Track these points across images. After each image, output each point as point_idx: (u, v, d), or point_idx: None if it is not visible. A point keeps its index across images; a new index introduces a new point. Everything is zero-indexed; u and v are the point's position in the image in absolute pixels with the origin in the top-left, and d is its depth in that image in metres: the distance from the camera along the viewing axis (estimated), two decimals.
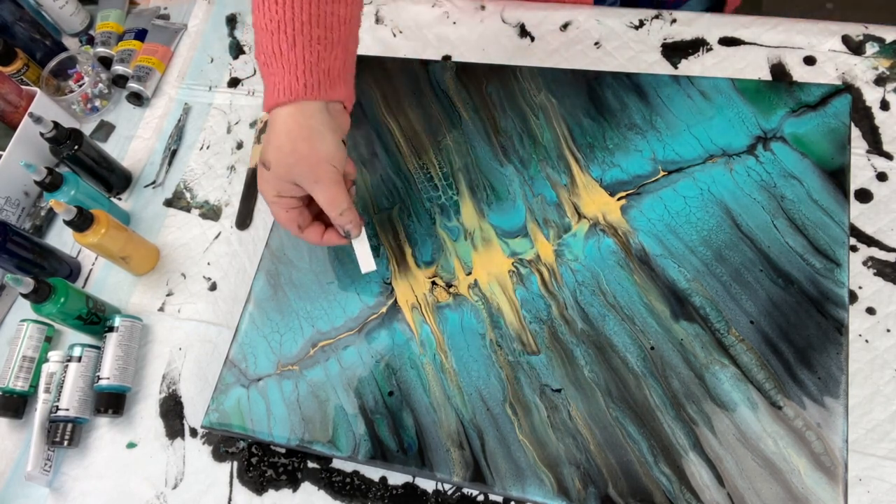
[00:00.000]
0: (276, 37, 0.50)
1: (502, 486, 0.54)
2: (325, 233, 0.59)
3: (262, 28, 0.51)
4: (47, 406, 0.66)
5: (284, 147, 0.52)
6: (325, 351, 0.62)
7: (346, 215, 0.56)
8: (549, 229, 0.63)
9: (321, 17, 0.50)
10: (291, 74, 0.50)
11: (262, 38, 0.51)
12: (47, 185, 0.69)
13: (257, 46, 0.52)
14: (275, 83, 0.51)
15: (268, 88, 0.52)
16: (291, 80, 0.50)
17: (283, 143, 0.52)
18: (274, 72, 0.50)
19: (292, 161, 0.52)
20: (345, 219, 0.56)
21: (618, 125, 0.66)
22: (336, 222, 0.57)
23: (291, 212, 0.57)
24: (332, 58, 0.52)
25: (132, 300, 0.74)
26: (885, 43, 0.67)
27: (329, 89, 0.52)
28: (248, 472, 0.61)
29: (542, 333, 0.58)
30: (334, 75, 0.52)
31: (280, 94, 0.50)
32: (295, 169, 0.53)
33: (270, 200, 0.56)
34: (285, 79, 0.50)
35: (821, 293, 0.55)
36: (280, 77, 0.50)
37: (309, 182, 0.54)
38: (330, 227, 0.59)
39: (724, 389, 0.53)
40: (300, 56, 0.50)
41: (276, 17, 0.49)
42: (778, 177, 0.60)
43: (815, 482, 0.49)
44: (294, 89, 0.50)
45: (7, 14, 0.87)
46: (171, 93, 0.87)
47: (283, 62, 0.50)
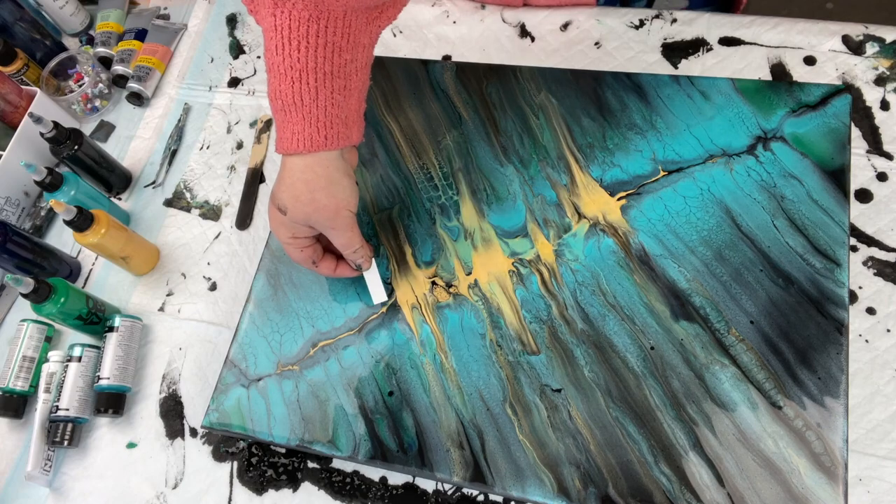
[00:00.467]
0: (298, 86, 0.48)
1: (502, 486, 0.54)
2: (338, 266, 0.61)
3: (280, 73, 0.48)
4: (47, 406, 0.66)
5: (302, 197, 0.52)
6: (325, 351, 0.62)
7: (359, 252, 0.58)
8: (549, 229, 0.63)
9: (343, 65, 0.50)
10: (312, 126, 0.49)
11: (280, 83, 0.49)
12: (47, 185, 0.69)
13: (273, 88, 0.50)
14: (294, 131, 0.50)
15: (284, 133, 0.51)
16: (312, 133, 0.50)
17: (301, 192, 0.52)
18: (293, 120, 0.50)
19: (310, 210, 0.53)
20: (357, 255, 0.58)
21: (618, 125, 0.66)
22: (349, 258, 0.59)
23: (306, 250, 0.58)
24: (350, 105, 0.52)
25: (132, 300, 0.74)
26: (885, 43, 0.67)
27: (346, 137, 0.52)
28: (248, 472, 0.61)
29: (542, 333, 0.58)
30: (351, 121, 0.52)
31: (300, 144, 0.50)
32: (313, 217, 0.54)
33: (285, 241, 0.57)
34: (306, 130, 0.49)
35: (821, 293, 0.55)
36: (300, 127, 0.49)
37: (326, 228, 0.55)
38: (341, 259, 0.61)
39: (724, 389, 0.53)
40: (322, 108, 0.49)
41: (298, 65, 0.48)
42: (778, 177, 0.60)
43: (815, 482, 0.49)
44: (315, 141, 0.50)
45: (7, 14, 0.87)
46: (171, 93, 0.87)
47: (303, 112, 0.49)
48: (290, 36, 0.47)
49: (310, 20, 0.47)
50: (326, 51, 0.48)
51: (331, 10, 0.47)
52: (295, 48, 0.47)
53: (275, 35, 0.48)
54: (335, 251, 0.60)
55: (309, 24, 0.47)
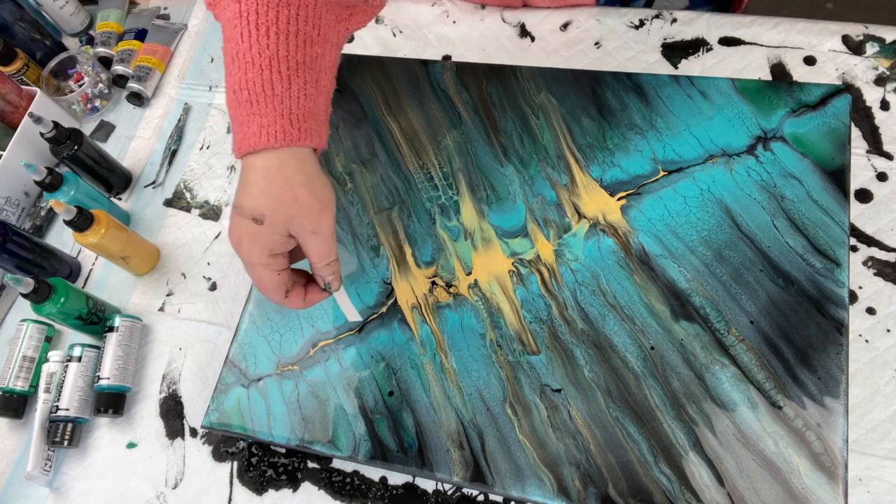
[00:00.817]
0: (268, 74, 0.44)
1: (502, 486, 0.54)
2: (307, 293, 0.53)
3: (246, 62, 0.44)
4: (47, 406, 0.66)
5: (283, 195, 0.46)
6: (325, 351, 0.62)
7: (332, 266, 0.51)
8: (549, 229, 0.63)
9: (314, 59, 0.46)
10: (285, 118, 0.44)
11: (246, 72, 0.44)
12: (47, 185, 0.69)
13: (236, 79, 0.44)
14: (262, 125, 0.44)
15: (250, 129, 0.45)
16: (285, 125, 0.44)
17: (282, 190, 0.46)
18: (262, 112, 0.44)
19: (294, 211, 0.47)
20: (329, 269, 0.51)
21: (618, 125, 0.66)
22: (320, 273, 0.52)
23: (282, 274, 0.50)
24: (321, 103, 0.48)
25: (132, 300, 0.74)
26: (885, 43, 0.67)
27: (318, 136, 0.47)
28: (248, 472, 0.61)
29: (542, 333, 0.58)
30: (322, 121, 0.48)
31: (271, 137, 0.44)
32: (296, 219, 0.47)
33: (260, 263, 0.49)
34: (278, 122, 0.44)
35: (821, 293, 0.55)
36: (271, 119, 0.44)
37: (307, 233, 0.48)
38: (308, 284, 0.54)
39: (724, 389, 0.53)
40: (295, 99, 0.45)
41: (268, 52, 0.44)
42: (778, 177, 0.60)
43: (815, 482, 0.49)
44: (289, 134, 0.45)
45: (7, 14, 0.87)
46: (171, 93, 0.87)
47: (274, 103, 0.44)
48: (258, 21, 0.43)
49: (279, 5, 0.44)
50: (298, 39, 0.45)
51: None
52: (264, 34, 0.44)
53: (239, 22, 0.44)
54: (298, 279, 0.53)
55: (279, 10, 0.44)
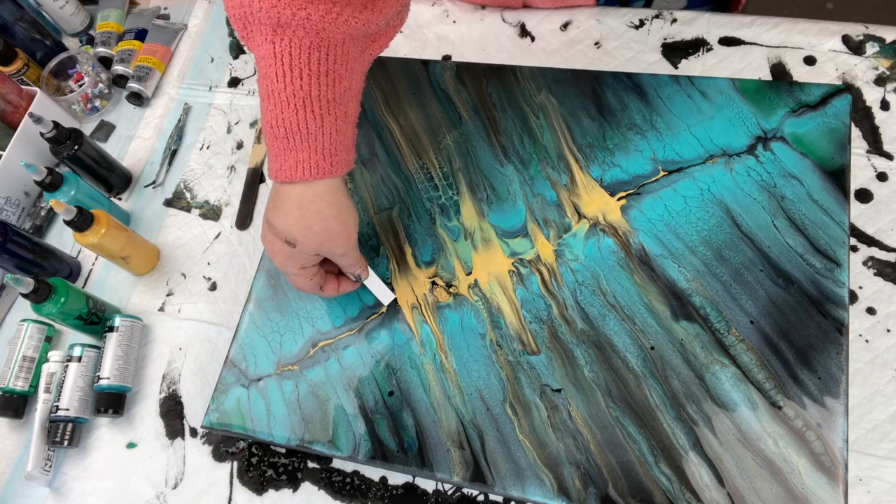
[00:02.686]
0: (303, 114, 0.47)
1: (502, 486, 0.53)
2: (340, 283, 0.61)
3: (282, 100, 0.47)
4: (47, 406, 0.66)
5: (315, 227, 0.52)
6: (325, 351, 0.62)
7: (360, 265, 0.60)
8: (549, 229, 0.63)
9: (343, 93, 0.49)
10: (318, 154, 0.49)
11: (283, 110, 0.48)
12: (47, 185, 0.69)
13: (273, 116, 0.48)
14: (298, 160, 0.49)
15: (287, 162, 0.49)
16: (319, 160, 0.49)
17: (314, 223, 0.52)
18: (297, 148, 0.49)
19: (323, 239, 0.53)
20: (358, 268, 0.60)
21: (618, 125, 0.66)
22: (350, 273, 0.60)
23: (315, 278, 0.58)
24: (351, 133, 0.52)
25: (132, 300, 0.74)
26: (886, 43, 0.67)
27: (348, 163, 0.52)
28: (248, 472, 0.61)
29: (543, 333, 0.58)
30: (351, 148, 0.52)
31: (306, 171, 0.49)
32: (325, 246, 0.54)
33: (293, 273, 0.56)
34: (312, 158, 0.49)
35: (821, 293, 0.55)
36: (305, 155, 0.49)
37: (336, 255, 0.56)
38: (340, 275, 0.61)
39: (725, 389, 0.53)
40: (327, 136, 0.49)
41: (302, 93, 0.47)
42: (778, 177, 0.60)
43: (816, 482, 0.49)
44: (321, 168, 0.49)
45: (7, 14, 0.87)
46: (171, 93, 0.87)
47: (309, 140, 0.48)
48: (292, 63, 0.46)
49: (311, 48, 0.46)
50: (329, 79, 0.48)
51: (331, 39, 0.47)
52: (297, 76, 0.46)
53: (274, 62, 0.47)
54: (331, 269, 0.61)
55: (311, 52, 0.46)
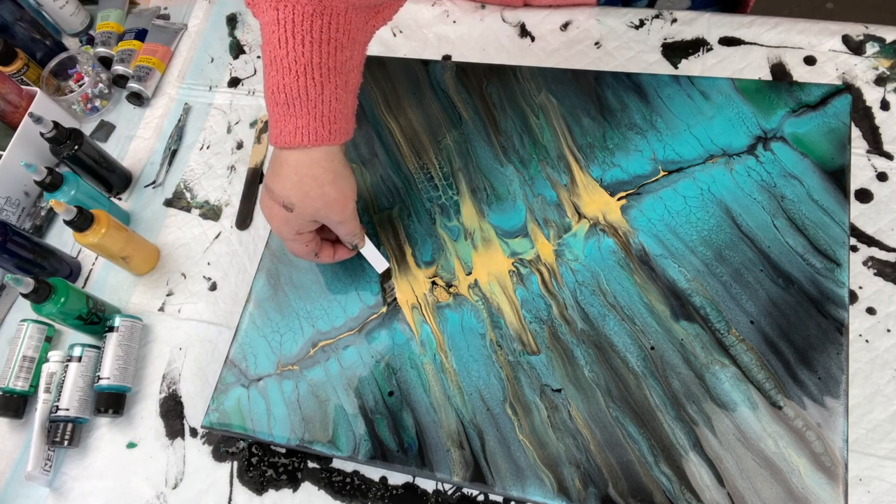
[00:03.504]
0: (303, 80, 0.49)
1: (502, 486, 0.53)
2: (336, 251, 0.62)
3: (283, 67, 0.49)
4: (47, 406, 0.66)
5: (312, 192, 0.53)
6: (325, 351, 0.62)
7: (358, 234, 0.60)
8: (549, 229, 0.63)
9: (344, 62, 0.50)
10: (318, 121, 0.50)
11: (284, 77, 0.49)
12: (47, 185, 0.69)
13: (275, 82, 0.49)
14: (298, 126, 0.50)
15: (286, 127, 0.51)
16: (318, 127, 0.50)
17: (311, 188, 0.53)
18: (297, 114, 0.50)
19: (320, 205, 0.54)
20: (356, 238, 0.60)
21: (618, 125, 0.66)
22: (347, 241, 0.60)
23: (310, 244, 0.59)
24: (349, 102, 0.53)
25: (132, 300, 0.74)
26: (886, 43, 0.67)
27: (346, 132, 0.53)
28: (249, 472, 0.61)
29: (543, 333, 0.58)
30: (350, 117, 0.53)
31: (305, 137, 0.50)
32: (322, 211, 0.55)
33: (290, 238, 0.57)
34: (311, 124, 0.50)
35: (821, 293, 0.55)
36: (305, 121, 0.50)
37: (334, 222, 0.56)
38: (336, 243, 0.62)
39: (725, 389, 0.53)
40: (327, 104, 0.50)
41: (303, 59, 0.48)
42: (778, 177, 0.60)
43: (816, 482, 0.49)
44: (320, 135, 0.50)
45: (7, 14, 0.87)
46: (171, 93, 0.87)
47: (308, 107, 0.49)
48: (294, 31, 0.47)
49: (313, 15, 0.47)
50: (330, 47, 0.49)
51: (334, 7, 0.48)
52: (299, 42, 0.48)
53: (277, 29, 0.48)
54: (328, 236, 0.61)
55: (313, 20, 0.47)
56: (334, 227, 0.57)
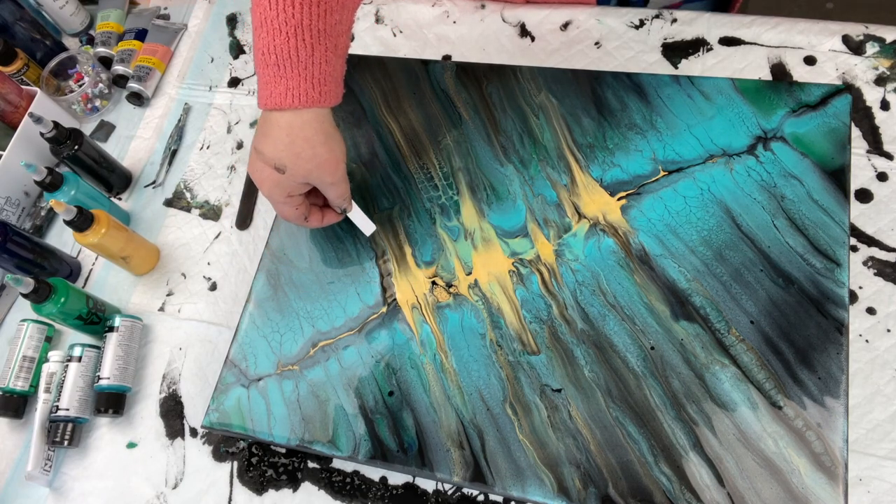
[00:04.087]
0: (294, 42, 0.50)
1: (502, 486, 0.53)
2: (325, 215, 0.62)
3: (274, 28, 0.50)
4: (47, 406, 0.66)
5: (304, 153, 0.53)
6: (325, 351, 0.62)
7: (347, 198, 0.60)
8: (549, 229, 0.63)
9: (334, 25, 0.51)
10: (308, 82, 0.51)
11: (274, 38, 0.50)
12: (47, 185, 0.69)
13: (265, 43, 0.50)
14: (288, 87, 0.51)
15: (276, 89, 0.51)
16: (308, 88, 0.51)
17: (303, 149, 0.53)
18: (288, 75, 0.50)
19: (312, 166, 0.54)
20: (345, 201, 0.60)
21: (618, 125, 0.66)
22: (337, 205, 0.61)
23: (300, 208, 0.59)
24: (340, 66, 0.54)
25: (132, 300, 0.74)
26: (886, 43, 0.67)
27: (336, 95, 0.54)
28: (249, 472, 0.61)
29: (543, 333, 0.58)
30: (339, 80, 0.54)
31: (295, 99, 0.51)
32: (314, 173, 0.55)
33: (280, 201, 0.57)
34: (301, 86, 0.51)
35: (821, 293, 0.55)
36: (295, 82, 0.51)
37: (325, 183, 0.57)
38: (324, 207, 0.62)
39: (725, 389, 0.53)
40: (317, 65, 0.51)
41: (293, 21, 0.49)
42: (778, 177, 0.60)
43: (816, 482, 0.49)
44: (310, 96, 0.51)
45: (7, 14, 0.87)
46: (171, 93, 0.87)
47: (299, 68, 0.50)
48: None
49: None
50: (320, 9, 0.50)
51: None
52: (290, 4, 0.49)
53: None
54: (315, 202, 0.62)
55: None
56: (325, 189, 0.58)
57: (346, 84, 0.75)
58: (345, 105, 0.74)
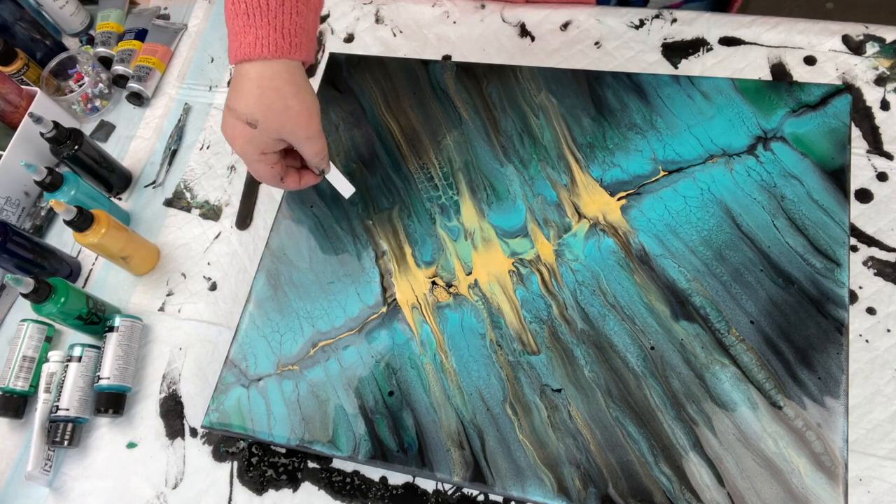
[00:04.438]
0: None
1: (502, 486, 0.53)
2: (302, 177, 0.61)
3: None
4: (47, 406, 0.66)
5: (275, 106, 0.52)
6: (325, 351, 0.62)
7: (325, 157, 0.59)
8: (549, 229, 0.63)
9: None
10: (278, 32, 0.50)
11: None
12: (47, 185, 0.69)
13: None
14: (258, 36, 0.50)
15: (246, 39, 0.50)
16: (278, 38, 0.50)
17: (273, 101, 0.52)
18: (258, 24, 0.50)
19: (284, 119, 0.53)
20: (323, 161, 0.59)
21: (618, 125, 0.66)
22: (314, 164, 0.59)
23: (276, 167, 0.57)
24: (311, 20, 0.53)
25: (132, 300, 0.74)
26: (886, 43, 0.67)
27: (308, 50, 0.52)
28: (249, 472, 0.61)
29: (543, 333, 0.58)
30: (311, 35, 0.53)
31: (265, 49, 0.50)
32: (287, 126, 0.53)
33: (254, 159, 0.56)
34: (271, 35, 0.50)
35: (821, 293, 0.55)
36: (265, 31, 0.50)
37: (300, 138, 0.55)
38: (302, 169, 0.61)
39: (725, 389, 0.53)
40: (288, 15, 0.50)
41: None
42: (778, 177, 0.60)
43: (816, 482, 0.49)
44: (280, 47, 0.50)
45: (7, 14, 0.87)
46: (171, 93, 0.87)
47: (269, 17, 0.49)
48: None
49: None
50: None
51: None
52: None
53: None
54: (292, 164, 0.60)
55: None
56: (301, 146, 0.56)
57: (347, 84, 0.76)
58: (345, 105, 0.74)
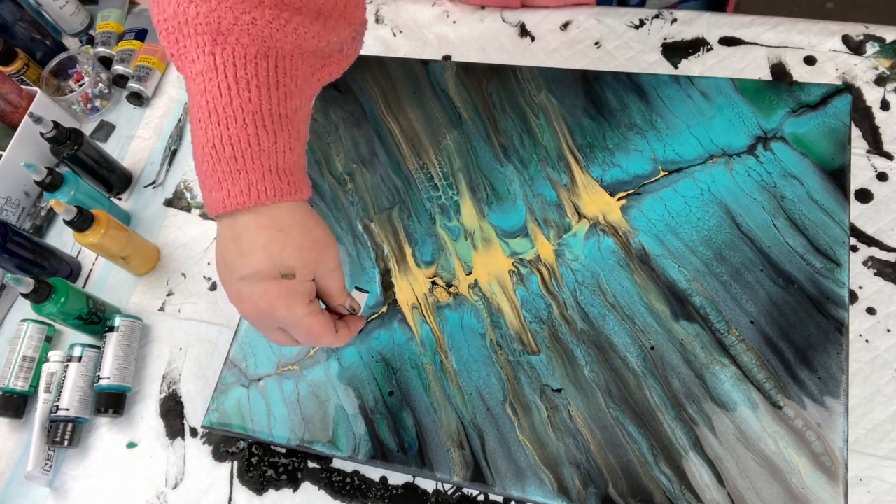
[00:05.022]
0: (253, 129, 0.42)
1: (502, 486, 0.54)
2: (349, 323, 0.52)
3: (228, 116, 0.42)
4: (47, 406, 0.66)
5: (305, 242, 0.45)
6: (325, 351, 0.62)
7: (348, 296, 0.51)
8: (549, 229, 0.63)
9: (294, 111, 0.45)
10: (274, 174, 0.43)
11: (228, 127, 0.42)
12: (47, 185, 0.69)
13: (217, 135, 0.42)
14: (251, 181, 0.42)
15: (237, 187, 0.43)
16: (275, 180, 0.43)
17: (303, 239, 0.45)
18: (248, 168, 0.42)
19: (316, 255, 0.46)
20: (348, 298, 0.51)
21: (618, 125, 0.66)
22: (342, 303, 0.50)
23: (324, 312, 0.49)
24: (302, 156, 0.47)
25: (132, 300, 0.74)
26: (886, 43, 0.67)
27: (307, 188, 0.46)
28: (249, 472, 0.61)
29: (543, 333, 0.58)
30: (305, 176, 0.47)
31: (262, 194, 0.43)
32: (321, 261, 0.46)
33: (305, 313, 0.46)
34: (267, 178, 0.43)
35: (821, 293, 0.55)
36: (259, 175, 0.43)
37: (328, 271, 0.47)
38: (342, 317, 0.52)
39: (725, 389, 0.53)
40: (282, 154, 0.44)
41: (251, 106, 0.42)
42: (778, 177, 0.60)
43: (816, 482, 0.49)
44: (279, 189, 0.43)
45: (7, 14, 0.87)
46: (171, 92, 0.87)
47: (262, 158, 0.42)
48: (237, 75, 0.42)
49: (257, 56, 0.42)
50: (279, 93, 0.43)
51: (279, 48, 0.43)
52: (245, 87, 0.42)
53: (216, 75, 0.42)
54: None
55: (258, 62, 0.42)
56: (329, 279, 0.48)
57: (347, 84, 0.76)
58: (345, 105, 0.74)
